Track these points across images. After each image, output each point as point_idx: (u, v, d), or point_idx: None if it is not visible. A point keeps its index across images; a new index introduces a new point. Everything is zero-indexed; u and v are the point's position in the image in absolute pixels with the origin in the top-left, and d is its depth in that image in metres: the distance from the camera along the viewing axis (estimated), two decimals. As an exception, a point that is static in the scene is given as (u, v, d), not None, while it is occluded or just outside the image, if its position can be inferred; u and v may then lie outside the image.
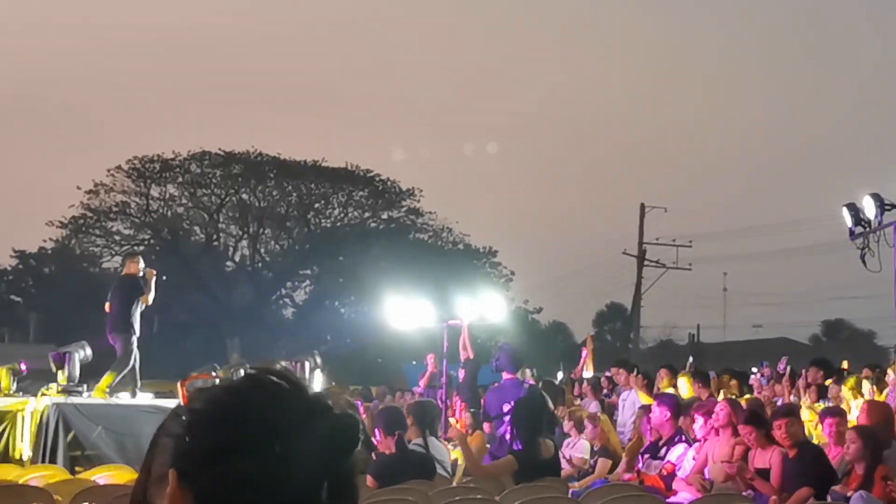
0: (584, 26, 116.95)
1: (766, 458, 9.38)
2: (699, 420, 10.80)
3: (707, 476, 10.02)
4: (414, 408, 10.69)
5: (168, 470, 1.64)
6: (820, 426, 10.68)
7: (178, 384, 14.17)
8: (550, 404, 12.82)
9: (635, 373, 16.02)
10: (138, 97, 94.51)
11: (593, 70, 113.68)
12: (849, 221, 14.90)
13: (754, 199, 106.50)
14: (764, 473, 9.25)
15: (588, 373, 22.36)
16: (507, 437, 10.79)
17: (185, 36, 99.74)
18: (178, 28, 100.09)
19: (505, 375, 12.17)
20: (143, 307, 15.19)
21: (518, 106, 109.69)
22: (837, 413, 10.40)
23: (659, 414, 10.99)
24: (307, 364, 16.03)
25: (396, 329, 22.11)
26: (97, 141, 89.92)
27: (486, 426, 12.93)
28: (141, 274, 15.34)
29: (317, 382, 16.67)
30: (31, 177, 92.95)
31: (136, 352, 14.90)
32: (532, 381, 13.39)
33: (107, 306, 15.30)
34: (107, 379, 14.68)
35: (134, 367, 14.88)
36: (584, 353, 22.21)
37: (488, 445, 12.52)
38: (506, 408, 11.40)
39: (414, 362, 43.70)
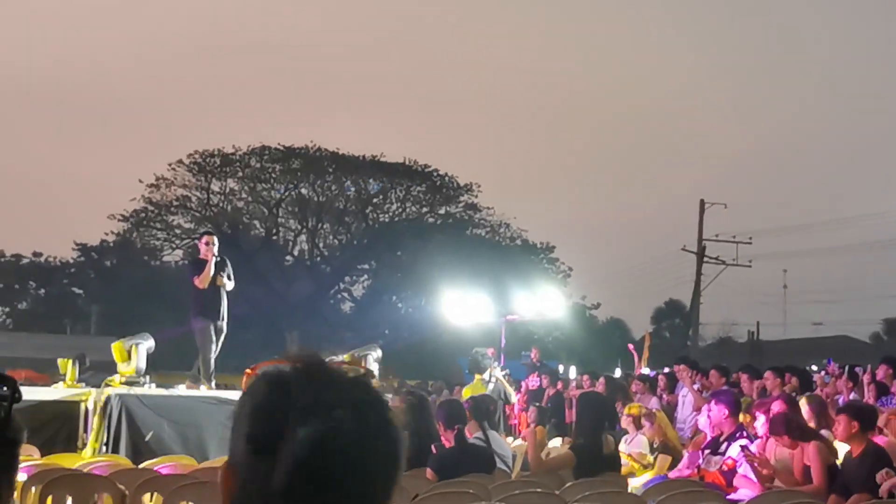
0: (645, 25, 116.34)
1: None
2: (760, 417, 10.73)
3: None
4: (469, 402, 10.74)
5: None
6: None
7: (245, 373, 14.11)
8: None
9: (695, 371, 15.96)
10: (199, 92, 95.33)
11: (653, 66, 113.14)
12: (913, 218, 14.67)
13: (815, 196, 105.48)
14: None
15: (644, 370, 22.25)
16: None
17: (245, 31, 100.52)
18: (238, 23, 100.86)
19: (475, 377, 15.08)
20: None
21: (575, 102, 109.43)
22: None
23: (717, 411, 10.92)
24: (370, 357, 16.05)
25: (454, 324, 22.18)
26: (159, 135, 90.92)
27: None
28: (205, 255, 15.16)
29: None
30: (93, 171, 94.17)
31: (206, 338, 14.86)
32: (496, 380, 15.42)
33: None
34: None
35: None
36: (632, 348, 22.20)
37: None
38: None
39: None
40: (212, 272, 14.69)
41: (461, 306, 20.62)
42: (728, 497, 9.47)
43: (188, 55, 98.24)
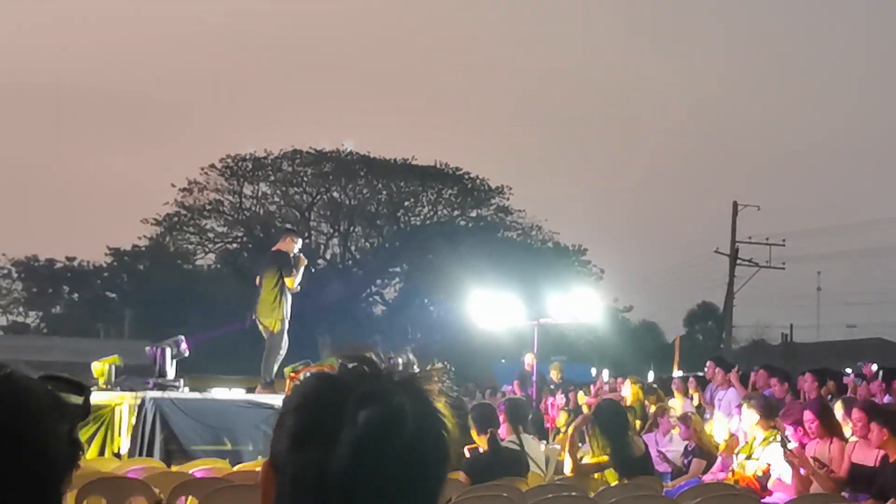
0: (679, 27, 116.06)
1: (872, 456, 9.29)
2: (789, 429, 10.63)
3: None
4: (507, 405, 10.72)
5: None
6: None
7: (288, 376, 14.18)
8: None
9: (736, 369, 15.93)
10: (231, 96, 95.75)
11: (687, 68, 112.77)
12: (948, 219, 14.58)
13: (849, 197, 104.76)
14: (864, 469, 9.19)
15: (678, 372, 22.16)
16: None
17: (276, 34, 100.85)
18: (269, 26, 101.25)
19: None
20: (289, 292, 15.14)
21: (608, 105, 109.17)
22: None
23: (750, 415, 10.90)
24: (400, 361, 16.13)
25: (485, 327, 22.10)
26: (191, 139, 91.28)
27: None
28: (295, 253, 15.38)
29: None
30: (126, 175, 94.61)
31: (286, 337, 15.02)
32: None
33: (257, 280, 15.38)
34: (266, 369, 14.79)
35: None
36: None
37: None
38: None
39: (503, 360, 43.58)
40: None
41: (493, 309, 20.55)
42: (763, 501, 9.43)
43: (219, 59, 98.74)
